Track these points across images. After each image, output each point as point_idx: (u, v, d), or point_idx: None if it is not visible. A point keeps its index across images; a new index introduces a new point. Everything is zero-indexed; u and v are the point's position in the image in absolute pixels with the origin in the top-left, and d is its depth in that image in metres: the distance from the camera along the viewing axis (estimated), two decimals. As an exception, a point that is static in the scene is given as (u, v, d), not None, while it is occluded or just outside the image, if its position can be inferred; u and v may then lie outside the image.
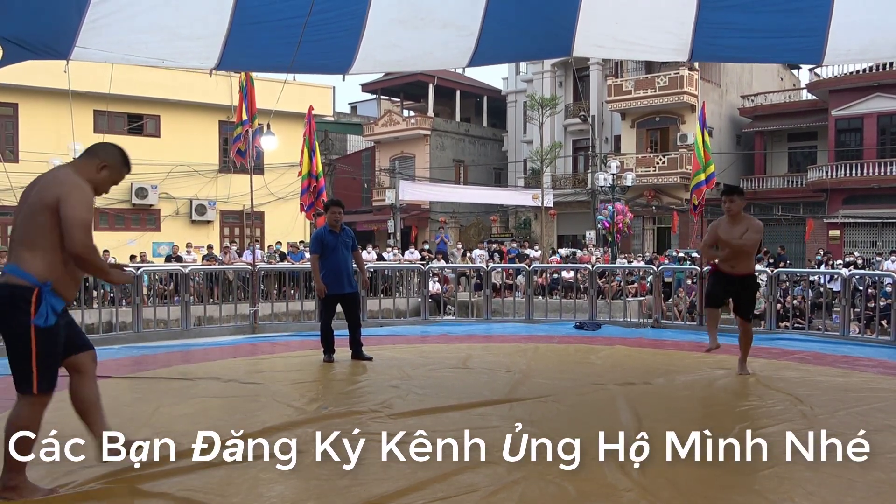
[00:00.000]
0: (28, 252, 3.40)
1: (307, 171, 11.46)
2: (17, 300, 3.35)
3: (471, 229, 37.23)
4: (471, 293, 16.53)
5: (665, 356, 8.29)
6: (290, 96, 21.64)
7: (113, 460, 3.74)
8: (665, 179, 31.92)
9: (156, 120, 25.64)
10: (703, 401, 5.76)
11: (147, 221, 25.76)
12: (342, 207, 7.73)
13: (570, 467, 3.68)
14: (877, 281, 10.90)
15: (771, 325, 10.49)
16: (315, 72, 7.11)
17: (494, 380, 6.59)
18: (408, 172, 38.12)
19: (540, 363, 7.56)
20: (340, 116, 45.92)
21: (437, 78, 39.95)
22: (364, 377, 6.82)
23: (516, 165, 39.62)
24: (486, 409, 5.36)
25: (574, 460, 3.73)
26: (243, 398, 5.73)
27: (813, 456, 3.80)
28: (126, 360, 8.05)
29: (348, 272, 7.66)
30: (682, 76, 31.21)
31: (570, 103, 36.51)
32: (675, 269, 16.15)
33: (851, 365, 7.63)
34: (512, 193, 36.27)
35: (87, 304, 11.45)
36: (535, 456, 3.80)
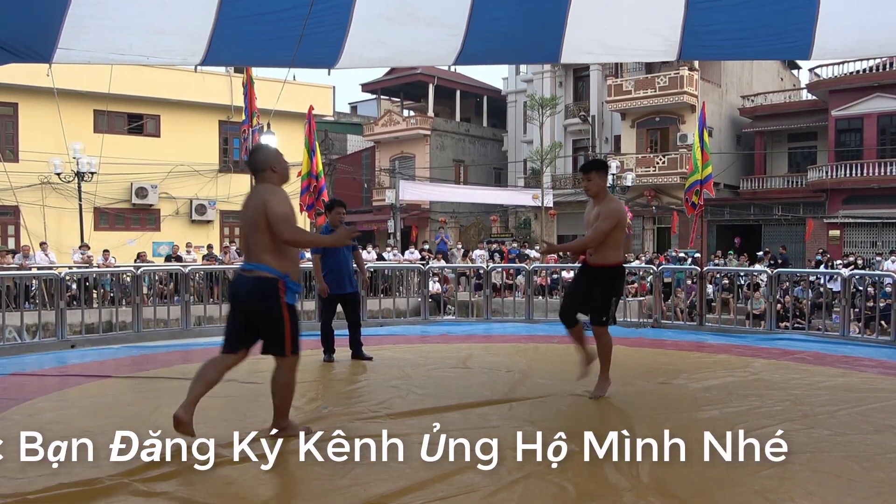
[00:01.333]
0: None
1: (307, 170, 11.44)
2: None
3: (471, 229, 37.23)
4: (471, 293, 16.53)
5: (665, 356, 8.29)
6: (290, 96, 21.63)
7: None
8: (665, 179, 31.94)
9: (156, 120, 25.63)
10: (702, 401, 5.75)
11: (147, 221, 25.74)
12: (344, 207, 7.73)
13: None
14: (877, 281, 10.94)
15: (771, 326, 10.49)
16: (302, 66, 7.04)
17: (494, 380, 6.59)
18: (408, 172, 38.13)
19: (540, 363, 7.57)
20: (340, 116, 45.91)
21: (437, 78, 39.98)
22: (363, 377, 6.83)
23: (516, 165, 39.64)
24: (486, 410, 5.36)
25: (492, 461, 3.84)
26: (243, 398, 5.72)
27: (731, 456, 3.86)
28: (126, 359, 8.05)
29: (349, 272, 7.68)
30: (683, 76, 31.22)
31: (570, 103, 36.54)
32: (674, 269, 16.18)
33: (851, 365, 7.62)
34: (512, 193, 36.27)
35: (87, 304, 11.46)
36: (452, 456, 3.89)
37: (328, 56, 6.70)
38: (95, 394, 6.13)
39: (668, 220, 30.82)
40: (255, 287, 4.35)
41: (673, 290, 14.27)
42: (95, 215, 24.08)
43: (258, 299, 4.37)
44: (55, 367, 7.61)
